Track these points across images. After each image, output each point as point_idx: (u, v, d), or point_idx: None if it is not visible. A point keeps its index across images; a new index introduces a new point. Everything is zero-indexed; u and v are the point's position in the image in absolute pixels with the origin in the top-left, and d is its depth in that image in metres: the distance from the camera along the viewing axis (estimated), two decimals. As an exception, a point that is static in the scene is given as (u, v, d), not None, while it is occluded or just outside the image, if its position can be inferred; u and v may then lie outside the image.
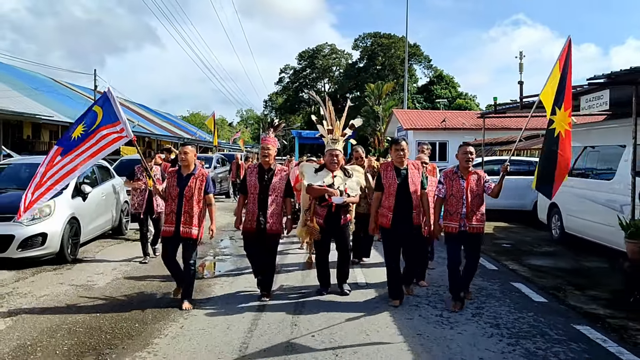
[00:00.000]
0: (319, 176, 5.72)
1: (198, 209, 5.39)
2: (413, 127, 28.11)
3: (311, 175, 5.77)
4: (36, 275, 6.56)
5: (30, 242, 6.74)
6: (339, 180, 5.70)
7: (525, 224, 11.79)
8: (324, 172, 5.75)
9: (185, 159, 5.41)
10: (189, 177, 5.40)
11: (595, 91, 7.04)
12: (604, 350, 4.25)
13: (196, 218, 5.36)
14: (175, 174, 5.51)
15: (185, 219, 5.32)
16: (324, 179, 5.68)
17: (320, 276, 5.91)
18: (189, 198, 5.34)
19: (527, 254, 8.56)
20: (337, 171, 5.75)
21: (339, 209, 5.64)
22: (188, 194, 5.34)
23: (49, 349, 4.13)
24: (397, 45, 58.32)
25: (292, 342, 4.31)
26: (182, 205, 5.33)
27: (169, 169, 6.73)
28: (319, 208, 5.69)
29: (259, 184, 5.51)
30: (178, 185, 5.39)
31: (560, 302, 5.68)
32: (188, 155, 5.41)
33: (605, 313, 5.26)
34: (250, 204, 5.54)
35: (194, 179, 5.40)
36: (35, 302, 5.44)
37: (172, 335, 4.45)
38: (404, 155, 5.46)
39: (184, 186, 5.36)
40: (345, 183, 5.72)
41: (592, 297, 5.87)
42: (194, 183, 5.38)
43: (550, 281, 6.59)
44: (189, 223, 5.33)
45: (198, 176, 5.44)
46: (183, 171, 5.46)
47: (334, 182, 5.65)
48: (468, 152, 5.30)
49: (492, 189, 5.27)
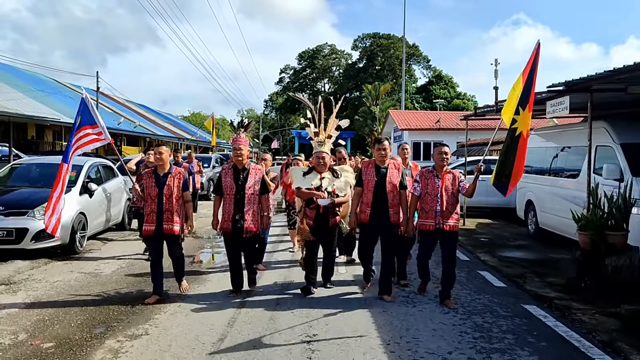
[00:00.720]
0: (307, 179, 5.85)
1: (178, 206, 5.54)
2: (408, 128, 28.72)
3: (300, 178, 5.91)
4: (48, 265, 7.25)
5: (42, 235, 7.40)
6: (327, 181, 5.84)
7: (509, 221, 12.39)
8: (312, 175, 5.87)
9: (160, 159, 5.54)
10: (167, 176, 5.55)
11: (557, 97, 7.69)
12: (542, 323, 4.92)
13: (177, 215, 5.52)
14: (152, 174, 5.63)
15: (167, 217, 5.47)
16: (312, 181, 5.81)
17: (307, 275, 6.02)
18: (169, 196, 5.49)
19: (501, 247, 9.22)
20: (325, 173, 5.88)
21: (327, 210, 5.77)
22: (167, 192, 5.49)
23: (64, 323, 4.81)
24: (396, 45, 58.70)
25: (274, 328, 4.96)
26: (162, 204, 5.47)
27: None
28: (308, 210, 5.84)
29: (234, 185, 5.62)
30: (156, 185, 5.52)
31: (518, 287, 6.35)
32: (163, 156, 5.55)
33: (555, 296, 5.92)
34: (227, 205, 5.65)
35: (172, 178, 5.55)
36: (49, 286, 6.12)
37: (171, 312, 5.12)
38: (385, 155, 5.64)
39: (162, 185, 5.50)
40: (333, 184, 5.86)
41: (548, 284, 6.53)
42: (172, 182, 5.52)
43: (514, 270, 7.25)
44: (171, 220, 5.49)
45: (175, 174, 5.59)
46: (159, 171, 5.60)
47: (322, 184, 5.79)
48: (443, 152, 5.53)
49: (467, 189, 5.45)
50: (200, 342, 4.35)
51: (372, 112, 36.96)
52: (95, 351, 4.14)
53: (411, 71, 61.55)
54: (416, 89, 58.91)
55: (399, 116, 31.03)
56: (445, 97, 53.22)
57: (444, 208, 5.43)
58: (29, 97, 26.40)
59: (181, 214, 5.60)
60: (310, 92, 69.17)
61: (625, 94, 7.06)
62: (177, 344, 4.30)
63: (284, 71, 72.28)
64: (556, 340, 4.51)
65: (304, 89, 70.02)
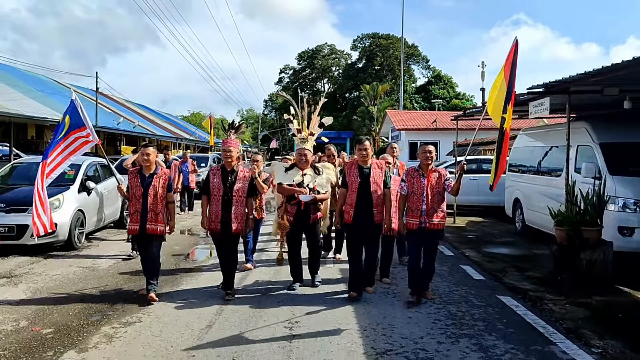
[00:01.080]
0: (289, 175, 5.91)
1: (162, 207, 5.61)
2: (405, 128, 28.95)
3: (282, 174, 5.97)
4: (48, 259, 7.55)
5: (42, 231, 7.70)
6: (309, 178, 5.90)
7: (500, 219, 12.60)
8: (294, 171, 5.93)
9: (147, 159, 5.61)
10: (152, 177, 5.61)
11: (538, 98, 7.97)
12: (513, 312, 5.22)
13: (161, 215, 5.59)
14: (137, 174, 5.67)
15: (150, 217, 5.53)
16: (293, 177, 5.87)
17: (292, 271, 6.10)
18: (154, 196, 5.55)
19: (487, 243, 9.51)
20: (307, 169, 5.95)
21: (308, 206, 5.83)
22: (152, 192, 5.55)
23: (63, 311, 5.11)
24: (396, 46, 59.00)
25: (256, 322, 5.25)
26: (147, 204, 5.53)
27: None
28: (289, 206, 5.92)
29: (222, 186, 5.66)
30: (142, 185, 5.58)
31: (496, 280, 6.64)
32: (150, 157, 5.62)
33: (531, 288, 6.20)
34: (214, 205, 5.67)
35: (157, 178, 5.61)
36: (49, 279, 6.42)
37: (163, 302, 5.41)
38: (366, 155, 5.67)
39: (147, 185, 5.57)
40: (315, 180, 5.91)
41: (526, 277, 6.81)
42: (157, 182, 5.59)
43: (496, 265, 7.53)
44: (155, 220, 5.55)
45: (161, 175, 5.66)
46: (145, 171, 5.65)
47: (303, 180, 5.85)
48: (427, 151, 5.55)
49: (452, 187, 5.46)
50: (189, 328, 4.65)
51: (370, 112, 37.33)
52: (91, 336, 4.43)
53: (410, 71, 61.84)
54: (415, 88, 59.20)
55: (396, 116, 31.27)
56: (444, 97, 53.48)
57: (429, 207, 5.44)
58: (29, 98, 26.72)
59: (165, 214, 5.66)
60: (310, 92, 69.39)
61: (602, 95, 7.33)
62: (168, 329, 4.60)
63: (284, 71, 72.74)
64: (523, 327, 4.81)
65: (303, 89, 70.15)
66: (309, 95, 64.97)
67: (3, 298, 5.59)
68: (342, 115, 55.74)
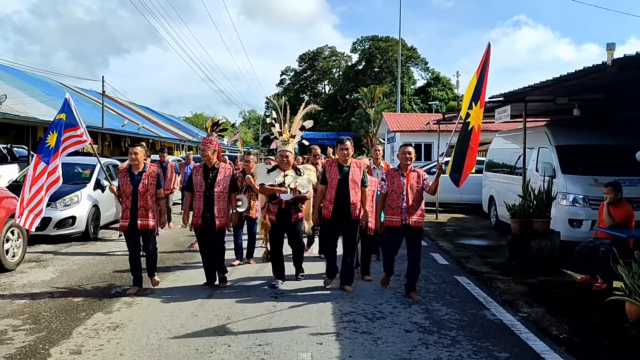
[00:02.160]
0: (271, 176, 6.15)
1: (152, 203, 5.88)
2: (400, 130, 29.88)
3: (264, 175, 6.22)
4: (68, 248, 8.60)
5: (63, 223, 8.77)
6: (290, 178, 6.13)
7: (482, 216, 13.40)
8: (276, 172, 6.16)
9: (135, 158, 5.84)
10: (141, 175, 5.85)
11: (502, 106, 8.99)
12: (464, 288, 6.25)
13: (152, 211, 5.86)
14: (126, 173, 5.91)
15: (141, 213, 5.79)
16: (275, 178, 6.10)
17: (274, 269, 6.29)
18: (143, 194, 5.80)
19: (462, 236, 10.52)
20: (288, 170, 6.17)
21: (289, 205, 6.03)
22: (142, 190, 5.80)
23: (88, 287, 6.16)
24: (395, 48, 59.45)
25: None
26: (137, 201, 5.79)
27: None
28: (271, 205, 6.12)
29: (204, 182, 5.92)
30: (131, 183, 5.83)
31: (458, 265, 7.65)
32: (138, 155, 5.86)
33: (486, 271, 7.21)
34: (197, 201, 5.94)
35: (146, 176, 5.85)
36: (72, 263, 7.47)
37: (167, 286, 6.39)
38: (347, 154, 5.94)
39: (137, 183, 5.81)
40: (296, 181, 6.14)
41: (486, 263, 7.81)
42: (146, 180, 5.83)
43: (463, 253, 8.55)
44: (145, 216, 5.81)
45: (149, 173, 5.89)
46: (134, 170, 5.89)
47: (284, 181, 6.09)
48: (407, 152, 5.82)
49: (430, 186, 5.75)
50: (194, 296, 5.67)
51: (367, 114, 38.32)
52: (114, 303, 5.45)
53: (409, 73, 62.55)
54: (414, 90, 59.89)
55: (392, 118, 32.21)
56: (443, 98, 54.32)
57: (409, 205, 5.69)
58: (38, 101, 27.73)
59: (155, 210, 5.94)
60: (311, 94, 70.21)
61: (554, 104, 8.35)
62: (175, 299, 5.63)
63: (285, 73, 73.66)
64: (467, 298, 5.84)
65: (304, 90, 71.16)
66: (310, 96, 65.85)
67: (37, 277, 6.64)
68: (342, 116, 56.66)
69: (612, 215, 6.39)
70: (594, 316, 5.22)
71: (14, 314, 5.12)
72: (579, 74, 6.18)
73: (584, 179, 8.28)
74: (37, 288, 6.10)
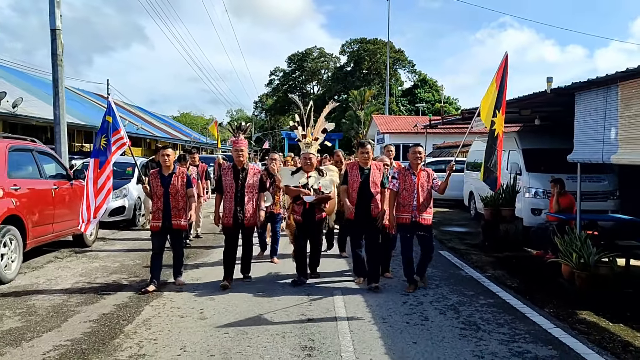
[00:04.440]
0: (295, 178, 6.34)
1: (183, 203, 6.03)
2: (389, 131, 31.78)
3: (288, 177, 6.41)
4: (122, 232, 10.38)
5: (115, 211, 10.50)
6: (313, 179, 6.29)
7: (465, 210, 15.01)
8: (300, 174, 6.34)
9: (167, 160, 6.00)
10: (171, 176, 6.01)
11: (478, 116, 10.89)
12: (445, 259, 8.14)
13: (183, 211, 6.03)
14: (157, 174, 6.05)
15: (174, 213, 5.97)
16: (299, 179, 6.29)
17: (298, 267, 6.44)
18: (174, 194, 5.96)
19: (445, 225, 12.44)
20: (312, 172, 6.35)
21: (312, 206, 6.24)
22: (173, 191, 5.96)
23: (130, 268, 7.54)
24: (383, 50, 59.51)
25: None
26: (168, 201, 5.94)
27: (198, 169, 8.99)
28: (296, 206, 6.35)
29: (234, 183, 6.06)
30: (162, 184, 5.97)
31: (442, 244, 9.54)
32: (170, 157, 6.02)
33: (464, 248, 9.11)
34: (227, 202, 6.07)
35: (176, 177, 6.01)
36: (130, 244, 9.23)
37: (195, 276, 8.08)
38: (368, 157, 6.12)
39: (167, 184, 5.96)
40: (319, 182, 6.30)
41: (464, 243, 9.72)
42: (176, 181, 5.99)
43: (446, 237, 10.45)
44: (178, 216, 5.99)
45: (179, 174, 6.05)
46: (164, 171, 6.05)
47: (308, 182, 6.26)
48: (417, 152, 6.03)
49: (439, 186, 6.04)
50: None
51: (357, 116, 40.06)
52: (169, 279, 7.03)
53: (397, 75, 63.31)
54: (402, 92, 60.84)
55: (381, 120, 34.11)
56: (429, 100, 55.80)
57: (419, 203, 5.94)
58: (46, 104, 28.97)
59: (186, 209, 6.10)
60: (300, 94, 70.56)
61: (520, 115, 10.27)
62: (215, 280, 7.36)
63: (274, 73, 74.05)
64: (448, 264, 7.74)
65: (293, 90, 70.60)
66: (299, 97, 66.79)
67: (111, 248, 8.44)
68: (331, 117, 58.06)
69: (559, 203, 8.33)
70: (538, 275, 7.13)
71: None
72: (530, 96, 8.10)
73: (544, 176, 10.18)
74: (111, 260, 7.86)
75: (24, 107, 23.95)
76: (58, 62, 10.24)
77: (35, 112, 24.20)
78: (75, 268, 7.19)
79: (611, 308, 5.49)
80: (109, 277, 6.73)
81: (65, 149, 10.89)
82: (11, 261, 6.30)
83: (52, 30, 10.02)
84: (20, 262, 6.53)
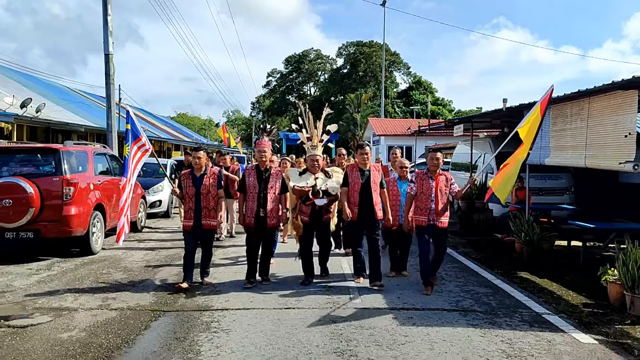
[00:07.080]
0: (302, 178, 6.37)
1: (214, 203, 6.13)
2: (385, 133, 33.28)
3: (296, 177, 6.42)
4: (157, 223, 12.38)
5: (153, 204, 12.50)
6: (320, 181, 6.33)
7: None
8: (307, 175, 6.38)
9: (198, 162, 6.13)
10: (203, 177, 6.15)
11: (458, 124, 12.97)
12: (427, 240, 10.15)
13: (214, 211, 6.13)
14: (189, 175, 6.20)
15: (205, 213, 6.08)
16: (307, 180, 6.31)
17: (305, 268, 6.50)
18: (206, 195, 6.08)
19: (431, 216, 14.45)
20: (318, 173, 6.39)
21: (321, 207, 6.33)
22: (204, 191, 6.08)
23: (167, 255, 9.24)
24: (378, 53, 59.92)
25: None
26: (200, 201, 6.05)
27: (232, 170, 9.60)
28: (304, 207, 6.36)
29: (257, 184, 6.07)
30: (194, 185, 6.10)
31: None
32: (201, 160, 6.15)
33: (444, 234, 11.12)
34: (250, 202, 6.08)
35: (207, 178, 6.15)
36: (170, 230, 11.21)
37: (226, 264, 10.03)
38: (367, 158, 6.20)
39: (199, 185, 6.08)
40: (326, 183, 6.35)
41: (445, 230, 11.73)
42: (207, 181, 6.12)
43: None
44: (209, 216, 6.11)
45: (210, 175, 6.19)
46: (196, 172, 6.17)
47: (316, 184, 6.30)
48: (435, 157, 6.09)
49: (456, 193, 6.10)
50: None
51: (354, 118, 41.86)
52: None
53: (392, 77, 64.34)
54: (397, 93, 61.95)
55: (377, 123, 35.76)
56: (424, 102, 56.82)
57: (438, 207, 5.98)
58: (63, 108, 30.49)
59: (217, 209, 6.22)
60: (297, 96, 70.13)
61: (491, 124, 12.34)
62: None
63: (271, 74, 74.95)
64: (429, 244, 9.74)
65: (290, 92, 72.29)
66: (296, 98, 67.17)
67: (152, 237, 10.41)
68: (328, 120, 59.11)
69: (517, 195, 10.40)
70: (498, 251, 9.18)
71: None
72: (493, 112, 10.20)
73: (511, 175, 12.24)
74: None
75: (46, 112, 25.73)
76: (110, 81, 12.23)
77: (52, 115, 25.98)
78: (138, 246, 9.23)
79: (544, 272, 7.49)
80: (164, 251, 8.74)
81: (116, 151, 12.83)
82: (97, 238, 8.34)
83: (105, 54, 11.98)
84: (103, 238, 8.57)
